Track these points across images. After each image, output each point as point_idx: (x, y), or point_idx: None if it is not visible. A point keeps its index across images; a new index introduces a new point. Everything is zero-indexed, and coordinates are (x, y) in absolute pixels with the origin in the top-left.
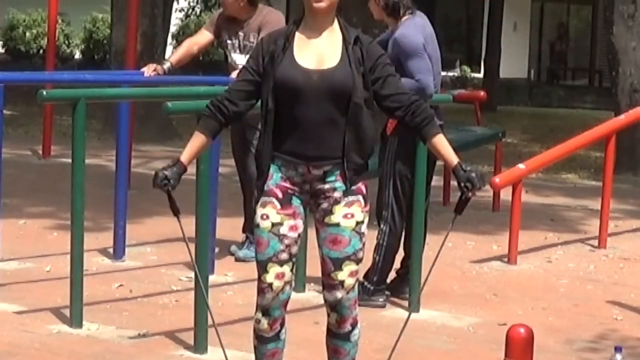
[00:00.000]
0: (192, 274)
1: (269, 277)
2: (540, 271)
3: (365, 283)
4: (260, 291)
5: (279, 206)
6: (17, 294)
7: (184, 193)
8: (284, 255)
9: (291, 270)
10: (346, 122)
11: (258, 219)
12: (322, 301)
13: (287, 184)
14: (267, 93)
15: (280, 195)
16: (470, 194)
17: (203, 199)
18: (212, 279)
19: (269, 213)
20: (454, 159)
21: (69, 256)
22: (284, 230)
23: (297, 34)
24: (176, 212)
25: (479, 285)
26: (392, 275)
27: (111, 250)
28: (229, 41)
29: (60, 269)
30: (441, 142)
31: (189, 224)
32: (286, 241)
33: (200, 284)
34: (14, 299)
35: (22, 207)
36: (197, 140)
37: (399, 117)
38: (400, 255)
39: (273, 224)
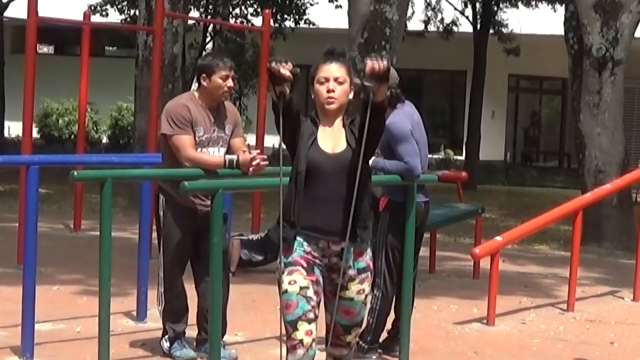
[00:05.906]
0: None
1: (300, 334)
2: (516, 332)
3: (360, 342)
4: (292, 348)
5: (304, 273)
6: (51, 352)
7: None
8: (311, 315)
9: (315, 329)
10: (358, 190)
11: (286, 285)
12: (324, 356)
13: (309, 257)
14: (294, 173)
15: (304, 264)
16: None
17: (216, 268)
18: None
19: (296, 279)
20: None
21: (97, 318)
22: (310, 293)
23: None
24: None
25: (461, 344)
26: (384, 335)
27: (134, 312)
28: None
29: (90, 330)
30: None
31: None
32: (312, 303)
33: (212, 343)
34: (48, 357)
35: (55, 274)
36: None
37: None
38: (391, 316)
39: (301, 288)
